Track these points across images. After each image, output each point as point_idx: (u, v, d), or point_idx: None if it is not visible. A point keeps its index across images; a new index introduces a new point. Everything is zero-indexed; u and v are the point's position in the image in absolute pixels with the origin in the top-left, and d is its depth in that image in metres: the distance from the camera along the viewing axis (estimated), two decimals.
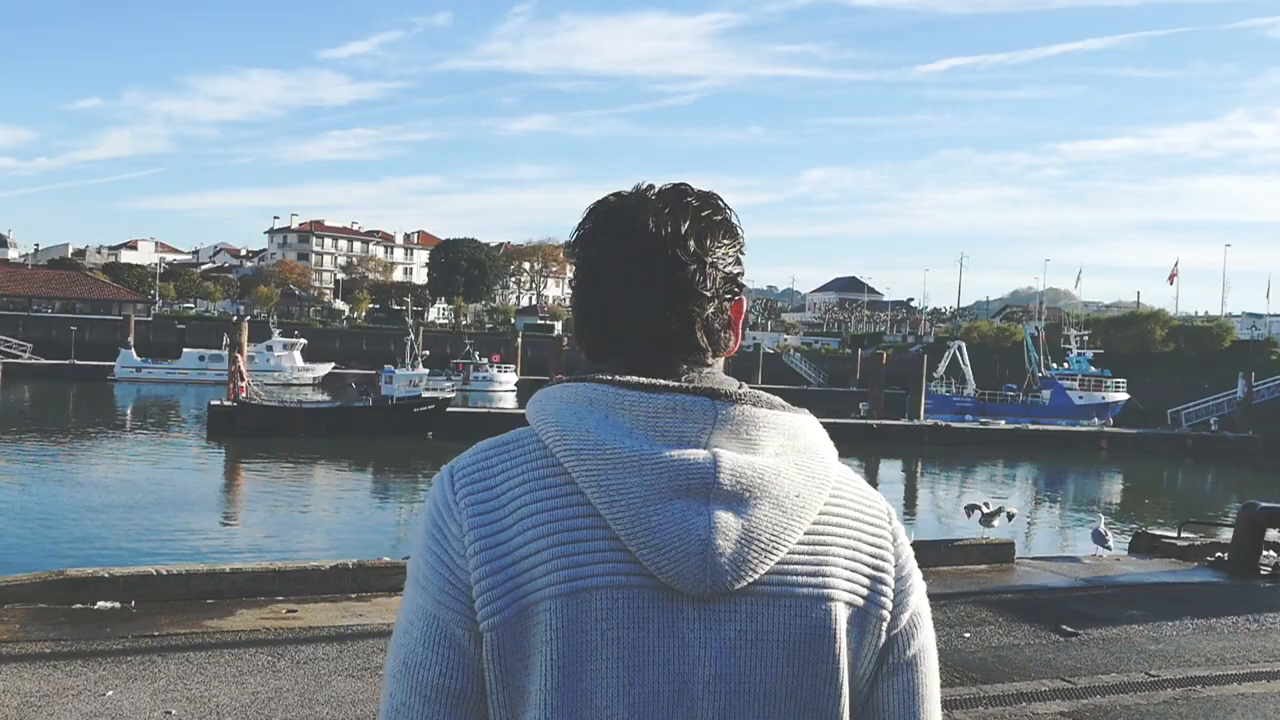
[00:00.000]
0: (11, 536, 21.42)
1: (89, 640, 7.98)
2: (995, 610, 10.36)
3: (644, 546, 1.28)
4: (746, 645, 1.32)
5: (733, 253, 1.48)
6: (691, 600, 1.30)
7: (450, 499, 1.36)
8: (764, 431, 1.35)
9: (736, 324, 1.49)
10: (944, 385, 69.21)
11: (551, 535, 1.30)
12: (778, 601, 1.33)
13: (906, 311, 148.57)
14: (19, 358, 77.02)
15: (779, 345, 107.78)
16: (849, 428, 52.52)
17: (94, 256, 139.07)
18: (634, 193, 1.47)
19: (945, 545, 13.02)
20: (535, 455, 1.35)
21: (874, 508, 1.45)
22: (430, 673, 1.33)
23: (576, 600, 1.28)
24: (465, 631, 1.32)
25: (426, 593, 1.35)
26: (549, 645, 1.28)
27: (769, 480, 1.33)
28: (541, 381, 62.68)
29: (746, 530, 1.30)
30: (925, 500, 38.97)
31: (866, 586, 1.39)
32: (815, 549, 1.36)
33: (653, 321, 1.41)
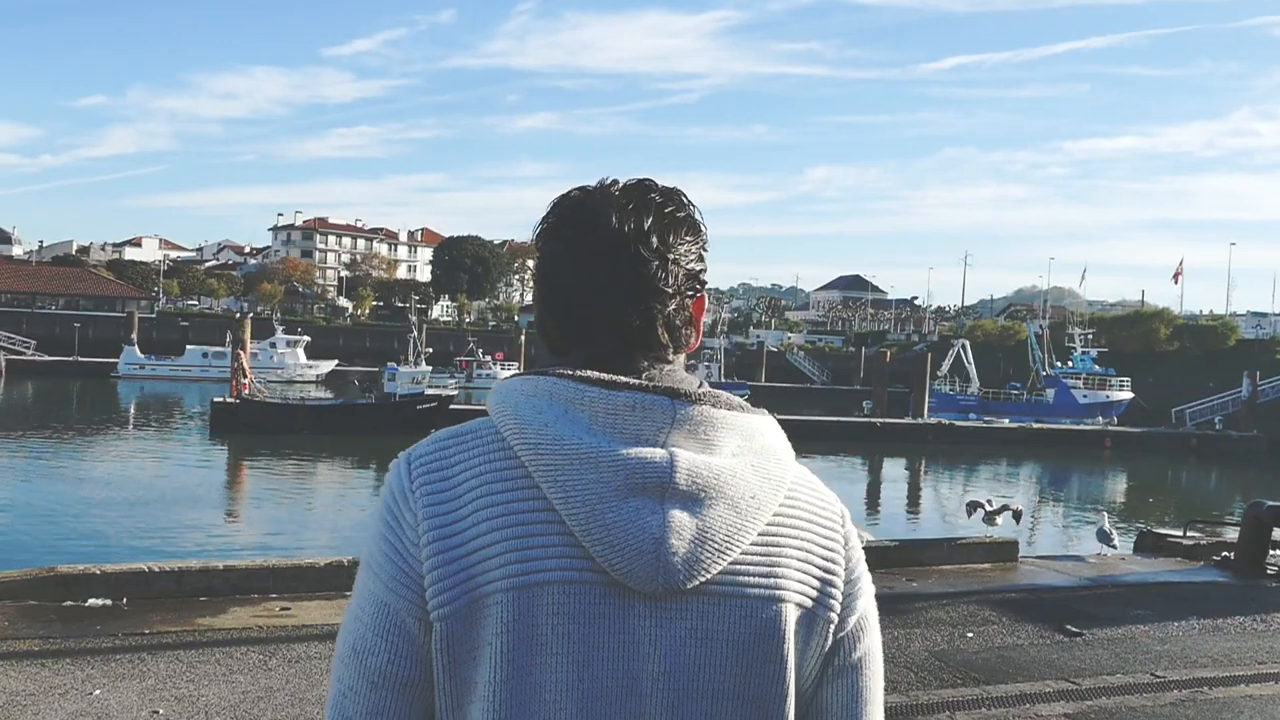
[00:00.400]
0: (9, 533, 21.34)
1: (78, 638, 7.86)
2: (999, 610, 10.22)
3: (598, 543, 1.29)
4: (696, 643, 1.33)
5: (695, 250, 1.48)
6: (643, 597, 1.31)
7: (406, 487, 1.36)
8: (721, 432, 1.36)
9: (698, 321, 1.50)
10: (948, 384, 69.06)
11: (505, 528, 1.30)
12: (728, 601, 1.34)
13: (910, 310, 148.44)
14: (23, 354, 76.99)
15: (783, 343, 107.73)
16: (852, 426, 52.57)
17: (98, 253, 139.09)
18: (598, 187, 1.47)
19: (948, 544, 12.87)
20: (493, 447, 1.36)
21: (828, 510, 1.46)
22: (379, 659, 1.34)
23: (528, 594, 1.29)
24: (415, 620, 1.33)
25: (379, 580, 1.36)
26: (499, 638, 1.29)
27: (725, 481, 1.34)
28: None
29: (701, 530, 1.31)
30: (928, 499, 38.86)
31: (816, 589, 1.41)
32: (768, 550, 1.37)
33: (614, 317, 1.42)
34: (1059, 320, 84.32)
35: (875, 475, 43.44)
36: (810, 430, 50.21)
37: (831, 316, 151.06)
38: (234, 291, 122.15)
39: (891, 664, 8.34)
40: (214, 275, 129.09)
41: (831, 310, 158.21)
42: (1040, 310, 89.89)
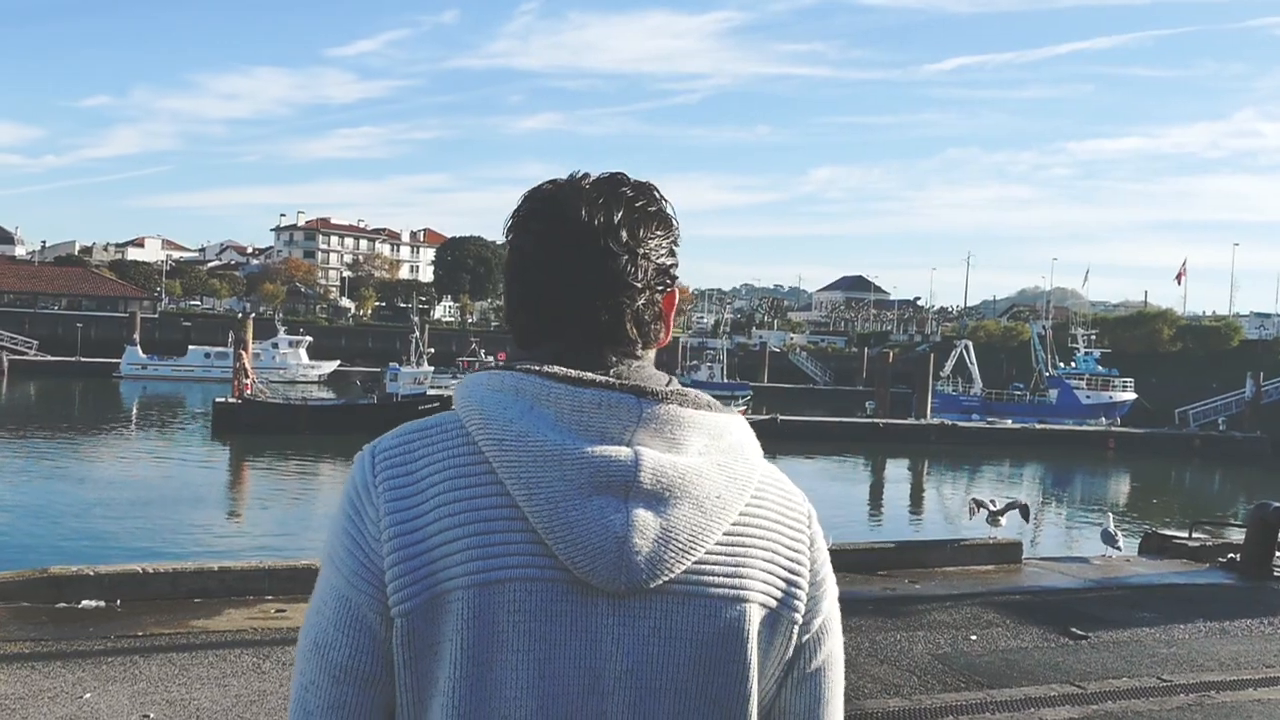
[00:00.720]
0: (6, 533, 21.25)
1: (70, 640, 7.76)
2: (1002, 612, 10.11)
3: (560, 541, 1.28)
4: (660, 642, 1.32)
5: (666, 244, 1.47)
6: (606, 596, 1.30)
7: (369, 480, 1.36)
8: (688, 431, 1.35)
9: (668, 316, 1.48)
10: (950, 384, 68.88)
11: (467, 525, 1.29)
12: (692, 601, 1.33)
13: (913, 310, 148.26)
14: (25, 354, 76.91)
15: (785, 344, 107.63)
16: (855, 426, 52.46)
17: (101, 254, 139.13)
18: (569, 181, 1.45)
19: (951, 545, 12.76)
20: (457, 442, 1.34)
21: (795, 510, 1.46)
22: (340, 653, 1.34)
23: (489, 591, 1.28)
24: (376, 615, 1.32)
25: (340, 574, 1.35)
26: (460, 635, 1.29)
27: (690, 480, 1.32)
28: None
29: (665, 529, 1.30)
30: (931, 500, 38.74)
31: (781, 589, 1.40)
32: (733, 550, 1.36)
33: (583, 311, 1.40)
34: (1062, 321, 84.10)
35: (878, 476, 43.32)
36: (813, 431, 50.20)
37: (834, 317, 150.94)
38: (236, 292, 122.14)
39: (894, 667, 8.23)
40: (216, 275, 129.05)
41: (834, 311, 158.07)
42: (1043, 311, 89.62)
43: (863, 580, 11.18)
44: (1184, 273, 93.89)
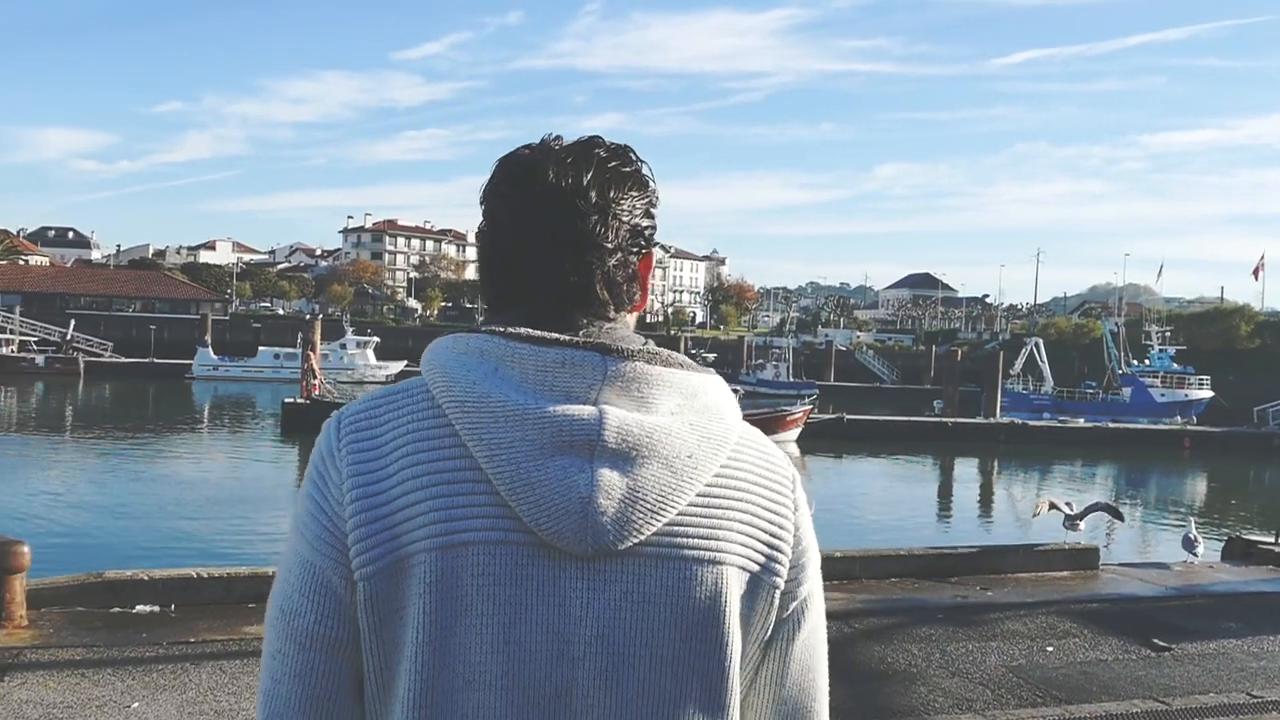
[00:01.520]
0: (70, 535, 21.44)
1: (121, 647, 7.66)
2: (1080, 621, 9.69)
3: (524, 503, 1.26)
4: (632, 606, 1.29)
5: (641, 205, 1.43)
6: (575, 559, 1.28)
7: (334, 446, 1.34)
8: (658, 389, 1.32)
9: (644, 278, 1.46)
10: (1021, 383, 67.95)
11: (430, 488, 1.28)
12: (666, 563, 1.30)
13: (982, 308, 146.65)
14: (100, 356, 78.35)
15: (851, 342, 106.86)
16: (923, 426, 51.79)
17: (173, 257, 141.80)
18: (540, 144, 1.42)
19: (1024, 550, 12.33)
20: (422, 406, 1.32)
21: (777, 473, 1.43)
22: (305, 620, 1.31)
23: (452, 554, 1.27)
24: (341, 580, 1.30)
25: (305, 540, 1.33)
26: (422, 599, 1.27)
27: (658, 439, 1.29)
28: None
29: (632, 489, 1.27)
30: (1001, 501, 38.00)
31: (762, 553, 1.37)
32: (709, 511, 1.33)
33: (551, 273, 1.37)
34: (1135, 318, 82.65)
35: (946, 476, 42.65)
36: (879, 430, 49.63)
37: (901, 315, 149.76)
38: (305, 293, 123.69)
39: (966, 680, 7.90)
40: (285, 277, 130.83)
41: (901, 309, 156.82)
42: (1115, 307, 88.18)
43: (932, 587, 10.82)
44: (1262, 267, 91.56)
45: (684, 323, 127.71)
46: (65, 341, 78.20)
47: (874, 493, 36.04)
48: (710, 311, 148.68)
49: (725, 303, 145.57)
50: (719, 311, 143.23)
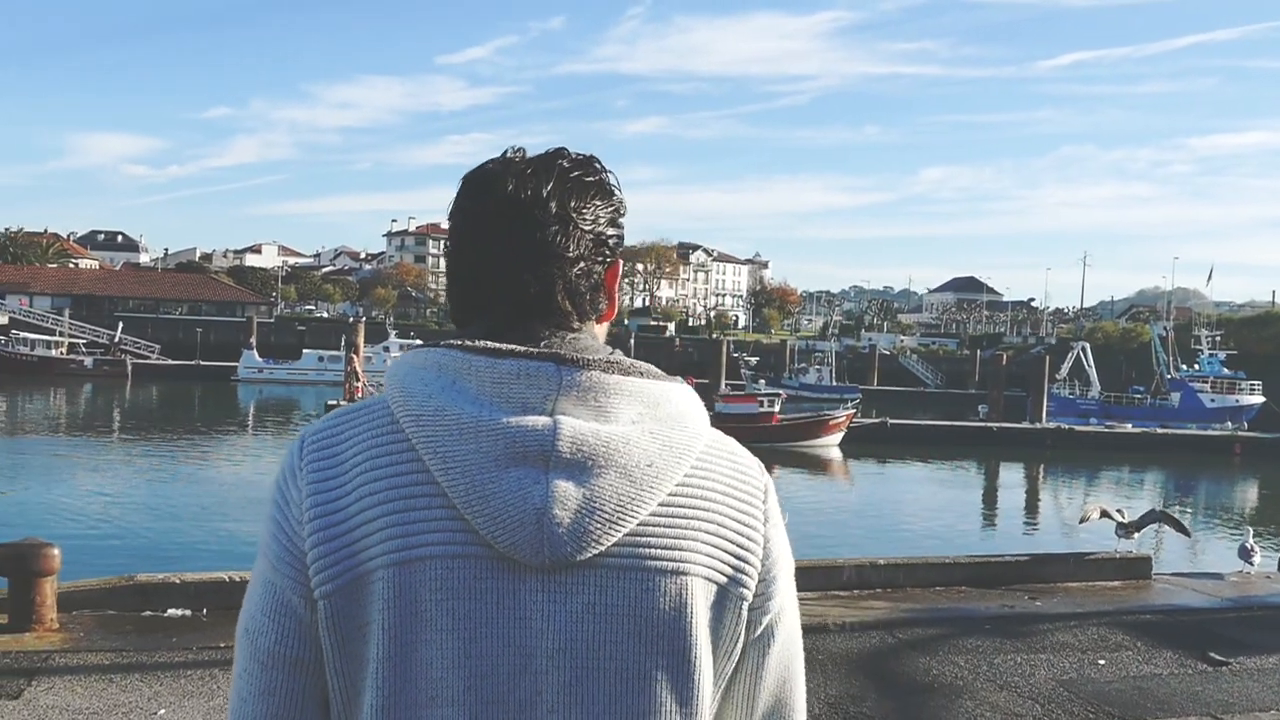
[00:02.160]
0: (105, 537, 21.50)
1: (151, 651, 7.56)
2: (1132, 634, 9.38)
3: (479, 515, 1.25)
4: (594, 618, 1.28)
5: (605, 214, 1.43)
6: (535, 571, 1.27)
7: (296, 465, 1.34)
8: (617, 399, 1.31)
9: (610, 288, 1.45)
10: (1067, 387, 67.17)
11: (387, 504, 1.28)
12: (628, 574, 1.29)
13: (1027, 312, 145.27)
14: (148, 358, 79.13)
15: (895, 346, 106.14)
16: (967, 430, 51.25)
17: (220, 260, 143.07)
18: (502, 157, 1.43)
19: (1074, 559, 12.00)
20: (382, 422, 1.32)
21: (748, 483, 1.41)
22: (267, 639, 1.32)
23: (410, 570, 1.26)
24: (301, 599, 1.30)
25: (267, 560, 1.34)
26: (382, 614, 1.26)
27: (616, 449, 1.28)
28: None
29: (588, 500, 1.26)
30: (1047, 507, 37.46)
31: (729, 564, 1.36)
32: (673, 521, 1.32)
33: (511, 284, 1.38)
34: (1184, 322, 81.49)
35: (991, 482, 42.11)
36: (923, 435, 49.18)
37: (945, 319, 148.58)
38: (349, 296, 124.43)
39: (1014, 694, 7.64)
40: (330, 281, 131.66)
41: (945, 312, 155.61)
42: (1164, 311, 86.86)
43: (978, 596, 10.54)
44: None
45: (726, 326, 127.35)
46: (113, 344, 78.98)
47: (917, 498, 35.63)
48: (753, 315, 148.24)
49: (768, 306, 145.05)
50: (761, 315, 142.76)
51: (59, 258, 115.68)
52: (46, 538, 8.39)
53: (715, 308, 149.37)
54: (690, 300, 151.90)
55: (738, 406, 48.51)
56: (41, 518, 22.85)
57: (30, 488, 28.71)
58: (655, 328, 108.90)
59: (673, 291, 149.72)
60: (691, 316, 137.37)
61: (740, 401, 49.49)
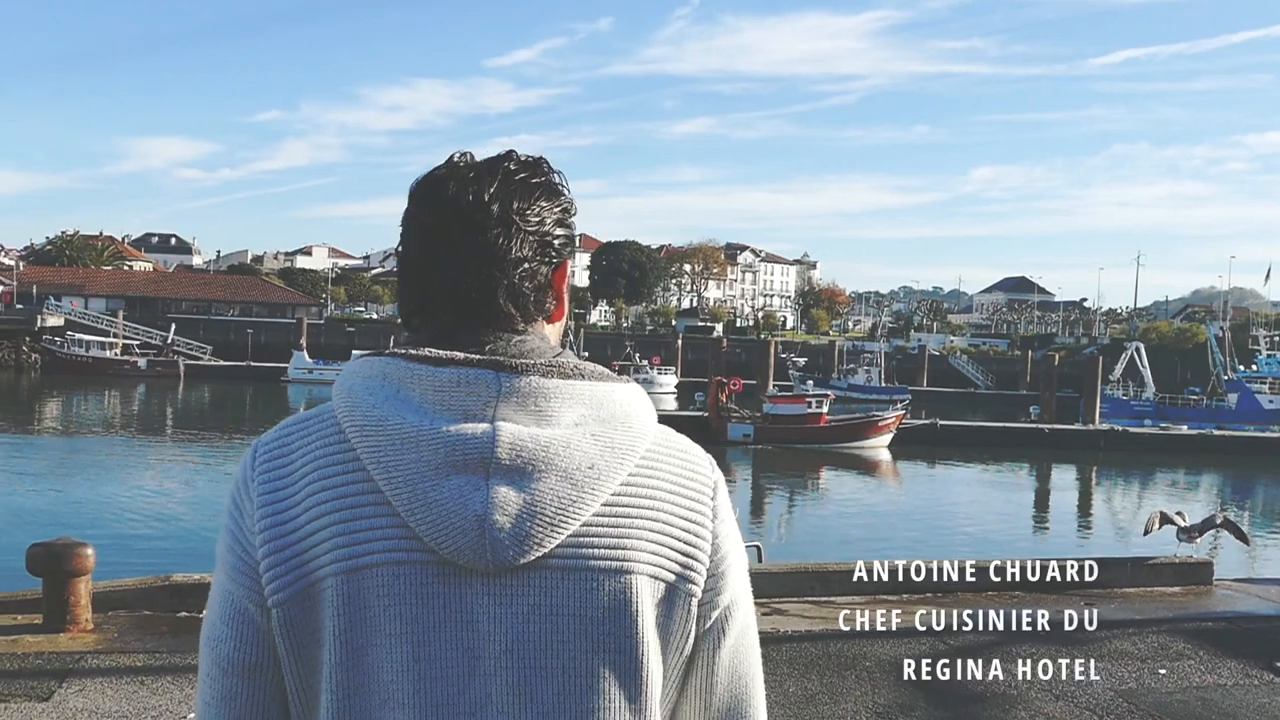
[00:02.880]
0: (148, 537, 21.61)
1: (184, 654, 7.44)
2: (1194, 642, 9.04)
3: (422, 523, 1.28)
4: (540, 619, 1.31)
5: (552, 215, 1.44)
6: (480, 575, 1.30)
7: (248, 476, 1.38)
8: (557, 402, 1.33)
9: (559, 288, 1.46)
10: (1121, 388, 66.22)
11: (334, 513, 1.31)
12: (573, 575, 1.32)
13: (1079, 312, 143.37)
14: (199, 359, 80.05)
15: (945, 347, 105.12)
16: (1018, 432, 50.59)
17: (271, 262, 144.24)
18: (448, 162, 1.44)
19: (1132, 564, 11.63)
20: (330, 432, 1.35)
21: (695, 480, 1.42)
22: (226, 647, 1.35)
23: (358, 577, 1.29)
24: (257, 607, 1.33)
25: (224, 570, 1.37)
26: (333, 621, 1.30)
27: (555, 452, 1.30)
28: (701, 384, 63.02)
29: (529, 504, 1.29)
30: (1101, 510, 36.88)
31: (676, 561, 1.38)
32: (616, 521, 1.34)
33: (454, 288, 1.39)
34: (1241, 321, 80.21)
35: (1043, 485, 41.53)
36: (974, 436, 48.61)
37: (996, 319, 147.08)
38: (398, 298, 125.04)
39: (1071, 704, 7.36)
40: (379, 282, 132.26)
41: (996, 313, 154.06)
42: (1220, 311, 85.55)
43: (1032, 601, 10.19)
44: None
45: (774, 327, 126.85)
46: (166, 345, 79.92)
47: (968, 501, 35.18)
48: (801, 316, 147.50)
49: (816, 307, 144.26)
50: (810, 316, 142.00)
51: (114, 260, 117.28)
52: (87, 537, 8.37)
53: (763, 308, 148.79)
54: (738, 301, 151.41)
55: (786, 407, 48.18)
56: (83, 517, 23.06)
57: (76, 487, 29.05)
58: (703, 328, 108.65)
59: (720, 292, 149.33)
60: (739, 317, 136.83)
61: (788, 402, 49.13)
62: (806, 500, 36.40)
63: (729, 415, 46.69)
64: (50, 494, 27.71)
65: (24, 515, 23.84)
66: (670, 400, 72.05)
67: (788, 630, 8.91)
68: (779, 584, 10.24)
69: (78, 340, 76.45)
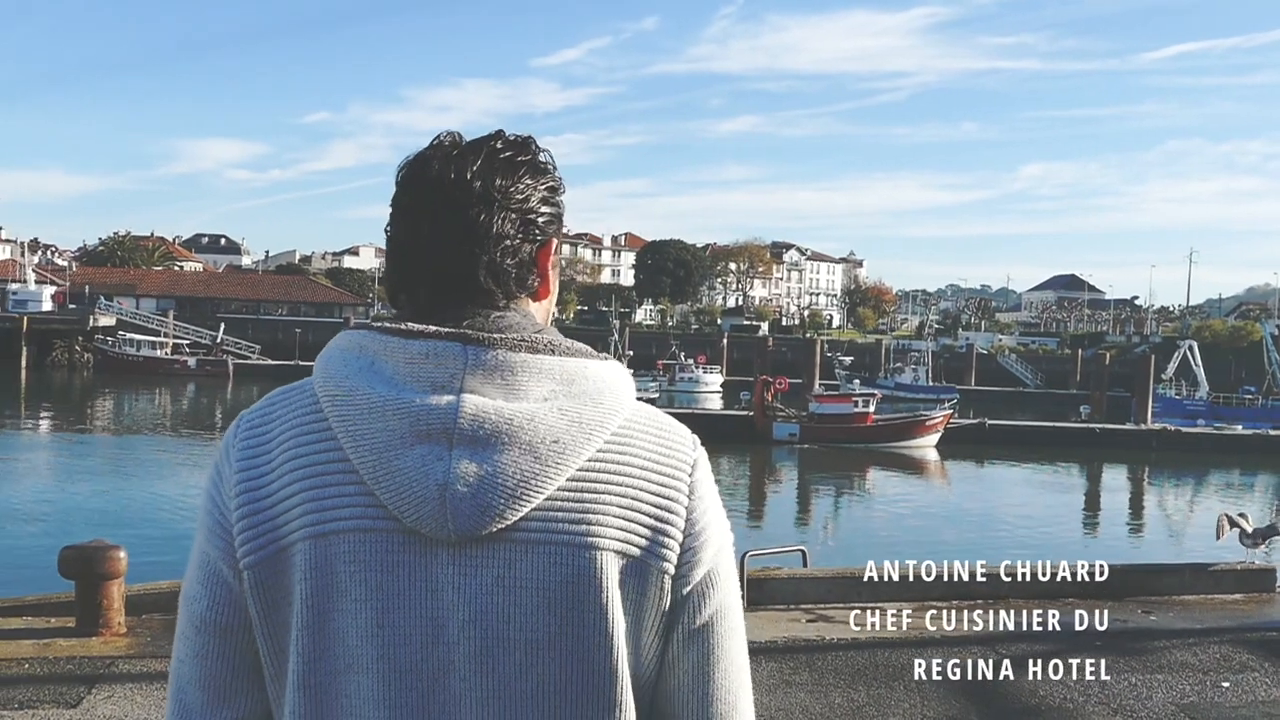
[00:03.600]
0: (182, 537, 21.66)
1: None
2: (1259, 653, 8.67)
3: (386, 490, 1.30)
4: (504, 591, 1.32)
5: (538, 193, 1.45)
6: (446, 545, 1.32)
7: (230, 444, 1.42)
8: (525, 376, 1.35)
9: (543, 265, 1.48)
10: (1173, 388, 65.12)
11: (305, 480, 1.34)
12: (536, 548, 1.33)
13: (1130, 310, 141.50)
14: (248, 358, 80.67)
15: (993, 346, 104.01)
16: (1068, 432, 49.86)
17: (319, 262, 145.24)
18: (435, 140, 1.47)
19: (1190, 570, 11.26)
20: (307, 403, 1.39)
21: (670, 457, 1.42)
22: (200, 605, 1.39)
23: (325, 543, 1.32)
24: (230, 569, 1.37)
25: (201, 532, 1.41)
26: (300, 585, 1.33)
27: (519, 425, 1.32)
28: (746, 382, 62.67)
29: (490, 476, 1.30)
30: (1154, 512, 36.22)
31: (645, 537, 1.37)
32: (582, 496, 1.35)
33: (434, 264, 1.42)
34: None
35: (1094, 485, 40.90)
36: (1023, 436, 47.96)
37: (1045, 318, 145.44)
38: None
39: (1130, 718, 7.06)
40: None
41: (1045, 311, 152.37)
42: (1276, 309, 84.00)
43: (1087, 608, 9.87)
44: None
45: (820, 326, 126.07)
46: (215, 344, 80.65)
47: (1017, 502, 34.64)
48: (847, 314, 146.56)
49: (863, 305, 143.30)
50: (856, 314, 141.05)
51: (164, 260, 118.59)
52: (127, 538, 8.34)
53: (809, 307, 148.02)
54: (784, 300, 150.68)
55: (832, 406, 47.81)
56: (123, 517, 23.20)
57: (119, 486, 29.30)
58: (748, 327, 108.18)
59: (766, 291, 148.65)
60: (785, 316, 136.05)
61: (835, 401, 48.75)
62: (853, 501, 36.04)
63: (775, 414, 46.40)
64: (92, 494, 27.92)
65: (65, 515, 24.05)
66: (715, 399, 71.79)
67: (833, 638, 8.66)
68: (824, 589, 9.99)
69: (129, 340, 77.35)
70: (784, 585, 10.06)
